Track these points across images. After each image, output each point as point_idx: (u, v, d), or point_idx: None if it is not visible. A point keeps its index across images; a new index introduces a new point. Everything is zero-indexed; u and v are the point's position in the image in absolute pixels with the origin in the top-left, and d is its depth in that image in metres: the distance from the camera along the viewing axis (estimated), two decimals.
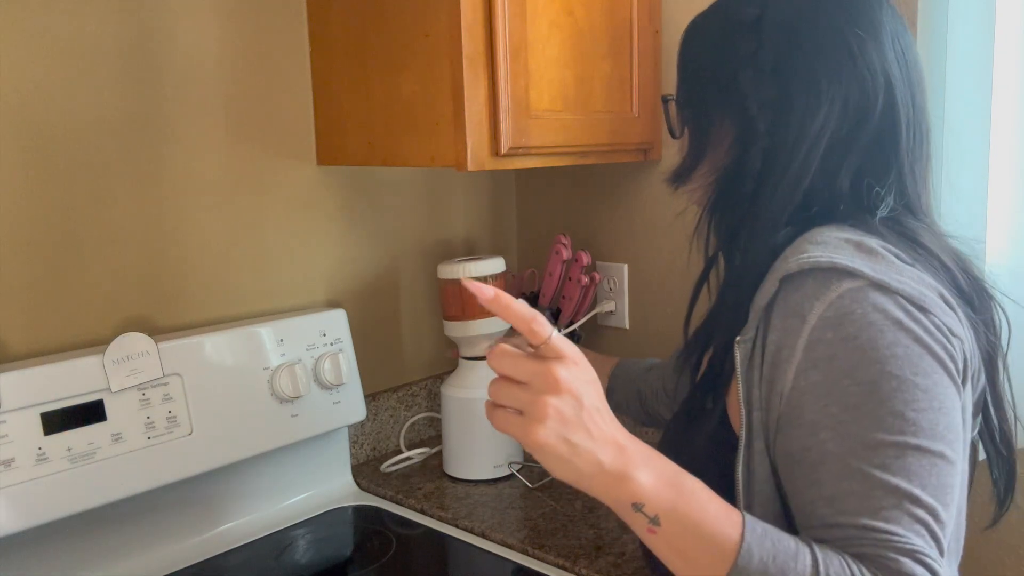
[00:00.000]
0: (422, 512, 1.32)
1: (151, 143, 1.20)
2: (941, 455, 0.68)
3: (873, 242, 0.75)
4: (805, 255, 0.71)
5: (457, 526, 1.27)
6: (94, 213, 1.15)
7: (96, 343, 1.14)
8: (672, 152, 1.54)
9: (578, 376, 0.65)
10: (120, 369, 1.09)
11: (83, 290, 1.15)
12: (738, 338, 0.75)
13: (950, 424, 0.69)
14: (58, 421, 1.04)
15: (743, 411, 0.75)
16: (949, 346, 0.70)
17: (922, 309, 0.70)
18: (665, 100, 0.97)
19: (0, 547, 1.02)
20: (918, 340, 0.69)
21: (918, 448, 0.67)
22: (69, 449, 1.05)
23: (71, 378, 1.06)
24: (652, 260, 1.53)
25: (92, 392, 1.07)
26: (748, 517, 0.68)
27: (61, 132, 1.11)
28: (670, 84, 1.49)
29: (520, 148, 1.19)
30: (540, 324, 0.65)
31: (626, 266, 1.57)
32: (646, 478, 0.66)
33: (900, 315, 0.69)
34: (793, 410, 0.71)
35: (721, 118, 0.84)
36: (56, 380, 1.05)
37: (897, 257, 0.74)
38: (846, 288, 0.69)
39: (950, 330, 0.71)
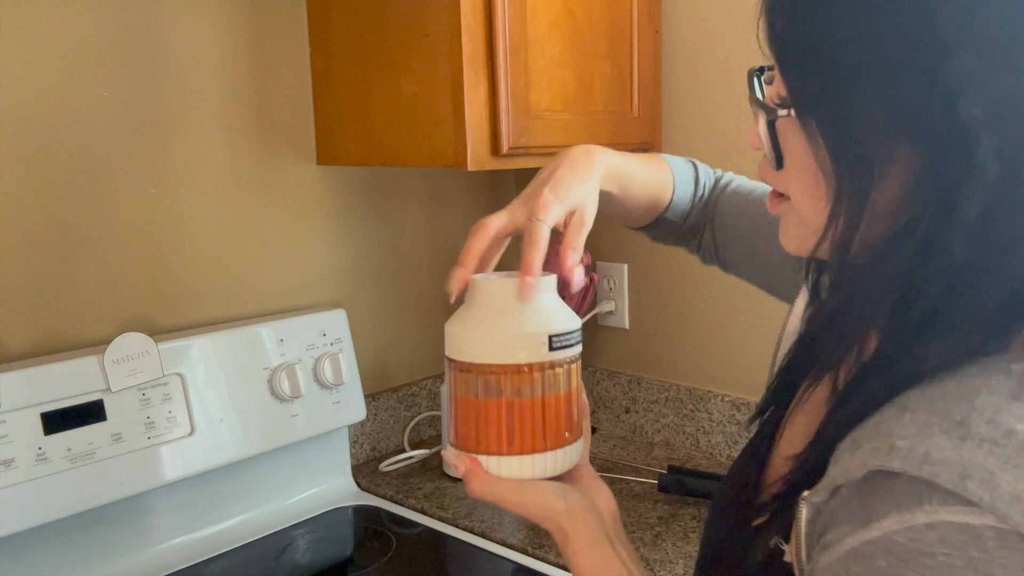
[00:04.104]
0: (422, 512, 1.32)
1: (151, 143, 1.20)
2: None
3: None
4: (921, 448, 0.43)
5: (457, 526, 1.27)
6: (94, 213, 1.15)
7: (96, 343, 1.14)
8: (676, 153, 1.54)
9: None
10: (120, 369, 1.09)
11: (83, 290, 1.15)
12: (805, 493, 0.51)
13: None
14: (58, 421, 1.04)
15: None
16: None
17: None
18: (764, 104, 0.54)
19: (0, 547, 1.02)
20: None
21: None
22: (69, 449, 1.05)
23: (71, 378, 1.06)
24: (652, 260, 1.53)
25: (92, 392, 1.07)
26: None
27: (61, 132, 1.11)
28: (671, 84, 1.50)
29: (520, 148, 1.19)
30: None
31: (626, 266, 1.57)
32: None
33: None
34: None
35: (896, 136, 0.48)
36: (56, 380, 1.05)
37: None
38: (948, 521, 0.42)
39: None
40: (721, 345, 1.47)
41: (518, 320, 0.65)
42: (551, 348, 0.65)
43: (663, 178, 0.89)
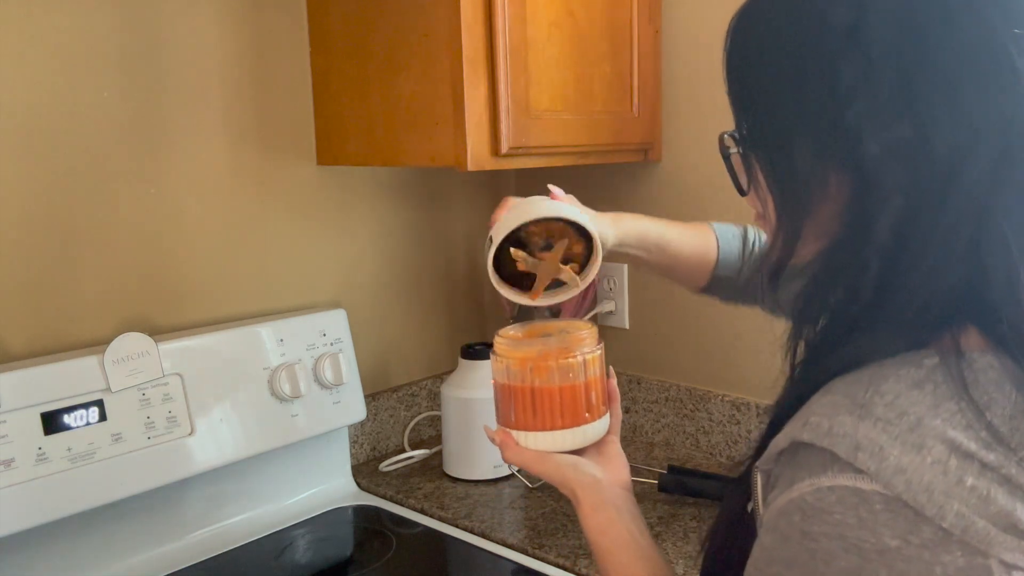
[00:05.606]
0: (422, 512, 1.32)
1: (151, 143, 1.20)
2: None
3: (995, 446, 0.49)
4: (827, 423, 0.52)
5: (457, 526, 1.27)
6: (94, 213, 1.15)
7: (96, 343, 1.14)
8: (676, 153, 1.55)
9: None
10: (120, 369, 1.09)
11: (83, 290, 1.15)
12: (758, 463, 0.59)
13: None
14: (58, 421, 1.04)
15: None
16: None
17: (974, 550, 0.47)
18: (724, 142, 0.65)
19: (0, 547, 1.02)
20: None
21: None
22: (69, 449, 1.05)
23: (71, 378, 1.06)
24: None
25: (92, 392, 1.07)
26: None
27: (61, 132, 1.11)
28: (671, 84, 1.50)
29: (520, 148, 1.19)
30: None
31: (626, 266, 1.57)
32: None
33: (895, 543, 0.48)
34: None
35: (824, 169, 0.57)
36: (56, 380, 1.05)
37: None
38: (844, 485, 0.50)
39: None
40: (721, 345, 1.47)
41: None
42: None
43: (704, 235, 1.00)
